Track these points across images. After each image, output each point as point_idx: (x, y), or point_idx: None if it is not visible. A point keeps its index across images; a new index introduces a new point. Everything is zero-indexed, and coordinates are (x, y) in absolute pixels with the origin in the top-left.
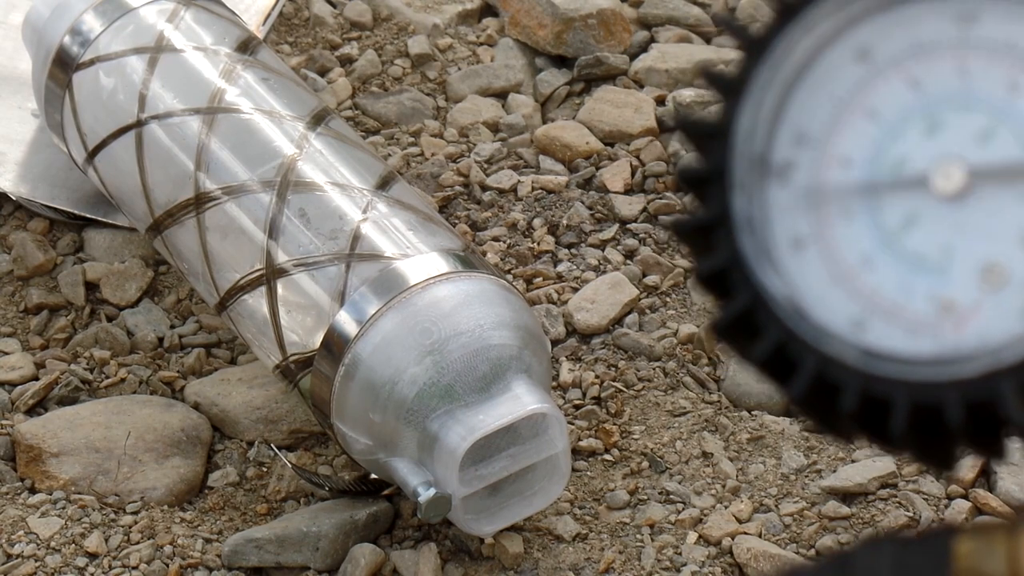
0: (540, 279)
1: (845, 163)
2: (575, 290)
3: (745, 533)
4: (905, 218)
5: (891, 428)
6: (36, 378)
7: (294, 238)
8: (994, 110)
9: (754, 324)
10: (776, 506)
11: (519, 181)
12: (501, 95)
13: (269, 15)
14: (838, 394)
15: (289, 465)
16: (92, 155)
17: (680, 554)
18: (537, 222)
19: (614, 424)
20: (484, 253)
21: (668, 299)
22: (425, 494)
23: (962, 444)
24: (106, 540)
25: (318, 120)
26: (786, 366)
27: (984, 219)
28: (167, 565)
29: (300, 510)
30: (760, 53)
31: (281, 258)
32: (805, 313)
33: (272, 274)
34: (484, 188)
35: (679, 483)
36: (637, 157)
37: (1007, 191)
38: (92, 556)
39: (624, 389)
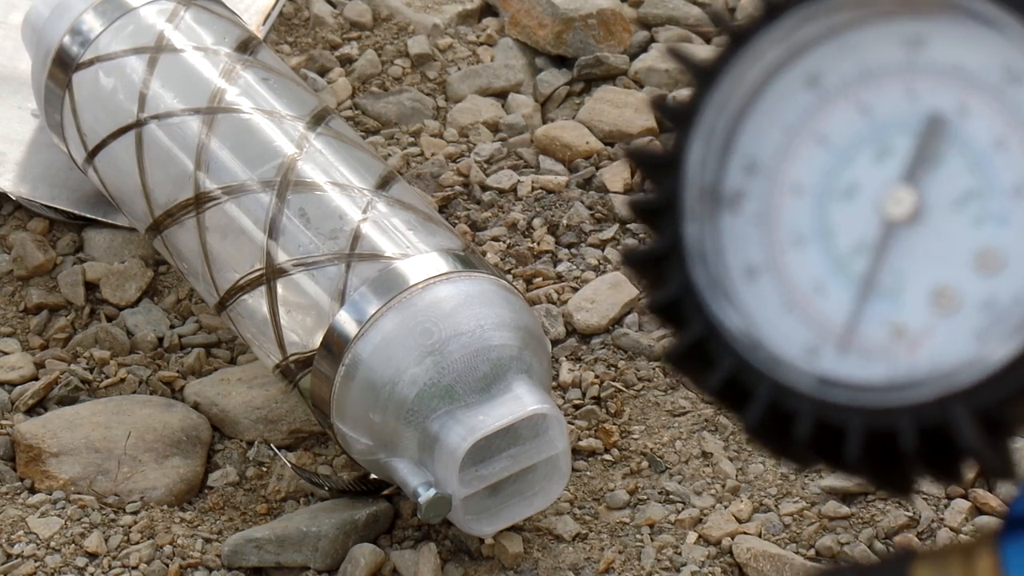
0: (540, 279)
1: (796, 190)
2: (575, 290)
3: (745, 533)
4: (857, 243)
5: (845, 455)
6: (36, 378)
7: (294, 238)
8: (944, 133)
9: (707, 354)
10: (776, 506)
11: (519, 181)
12: (501, 95)
13: (269, 15)
14: (792, 422)
15: (289, 465)
16: (92, 155)
17: (680, 554)
18: (537, 222)
19: (614, 424)
20: (484, 253)
21: None
22: (425, 494)
23: (918, 469)
24: (106, 540)
25: (318, 120)
26: (741, 395)
27: (935, 243)
28: (167, 565)
29: (300, 510)
30: (710, 83)
31: (281, 258)
32: (758, 342)
33: (272, 274)
34: (484, 188)
35: (679, 483)
36: None
37: (958, 215)
38: (92, 556)
39: (624, 389)
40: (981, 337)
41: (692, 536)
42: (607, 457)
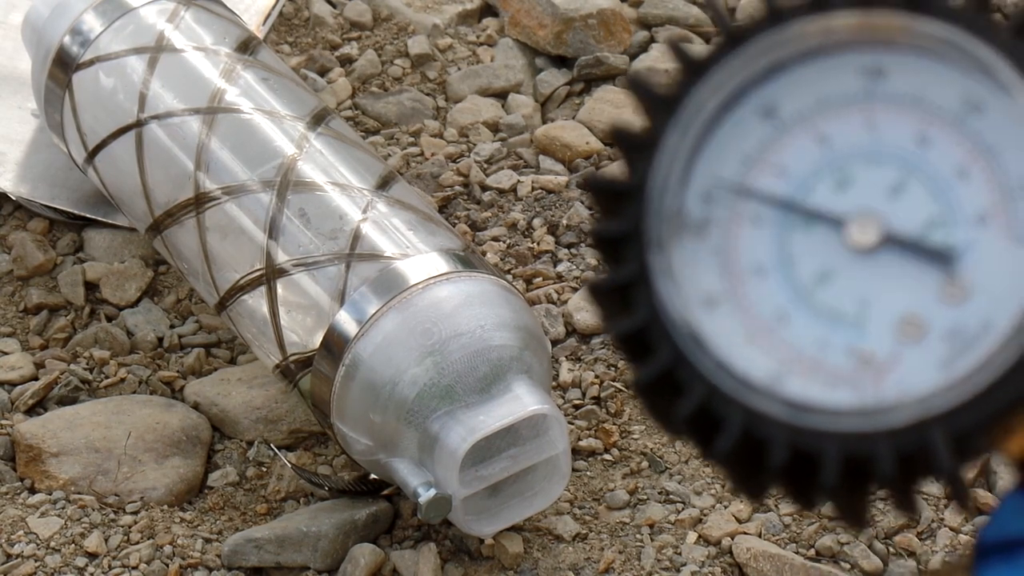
0: (540, 279)
1: (755, 220)
2: (575, 290)
3: (745, 533)
4: (819, 273)
5: (822, 480)
6: (36, 378)
7: (294, 238)
8: (904, 163)
9: (676, 382)
10: (776, 506)
11: (519, 181)
12: (501, 95)
13: (269, 15)
14: (765, 449)
15: (289, 465)
16: (92, 155)
17: (680, 554)
18: (537, 222)
19: (614, 424)
20: (484, 253)
21: None
22: (425, 495)
23: (886, 495)
24: (106, 540)
25: (318, 120)
26: (707, 425)
27: (900, 272)
28: (167, 565)
29: (300, 510)
30: (670, 111)
31: (281, 258)
32: (729, 368)
33: (272, 274)
34: (484, 188)
35: (679, 483)
36: None
37: (922, 244)
38: (92, 556)
39: (624, 389)
40: (947, 365)
41: (692, 536)
42: (607, 457)
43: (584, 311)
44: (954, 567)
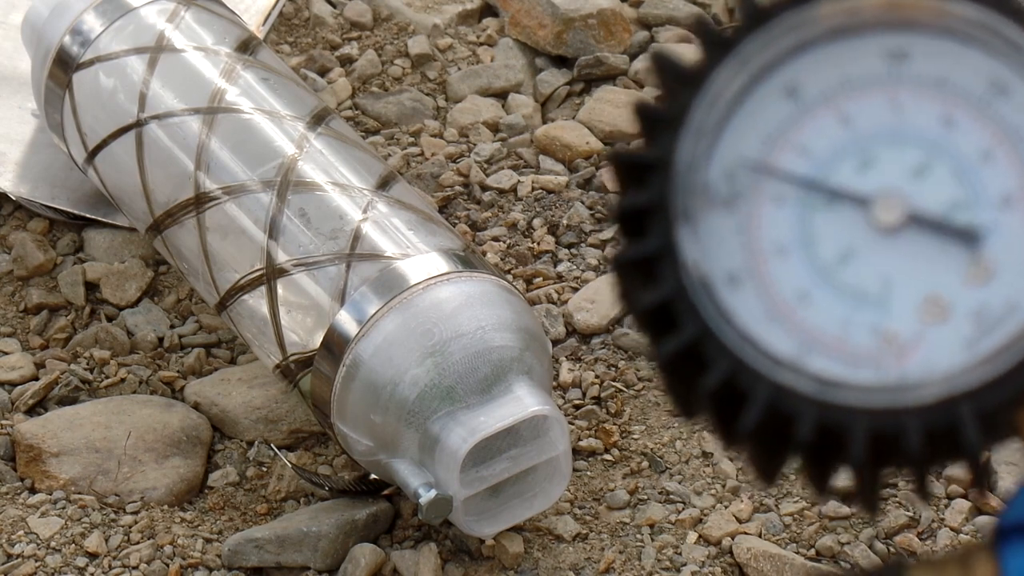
0: (540, 279)
1: (777, 199)
2: (575, 290)
3: (745, 533)
4: (842, 252)
5: (851, 456)
6: (36, 378)
7: (294, 238)
8: (929, 145)
9: (699, 357)
10: (776, 506)
11: (519, 181)
12: (501, 95)
13: (269, 15)
14: (792, 425)
15: (289, 465)
16: (92, 155)
17: (680, 554)
18: (537, 222)
19: (614, 424)
20: (484, 253)
21: None
22: (426, 495)
23: (907, 477)
24: (106, 540)
25: (318, 120)
26: (728, 403)
27: (924, 252)
28: (167, 565)
29: (300, 510)
30: (697, 86)
31: (281, 258)
32: (755, 343)
33: (272, 274)
34: (484, 188)
35: (679, 483)
36: None
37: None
38: (92, 556)
39: (624, 389)
40: (972, 345)
41: (692, 536)
42: (607, 457)
43: (584, 311)
44: (975, 547)
